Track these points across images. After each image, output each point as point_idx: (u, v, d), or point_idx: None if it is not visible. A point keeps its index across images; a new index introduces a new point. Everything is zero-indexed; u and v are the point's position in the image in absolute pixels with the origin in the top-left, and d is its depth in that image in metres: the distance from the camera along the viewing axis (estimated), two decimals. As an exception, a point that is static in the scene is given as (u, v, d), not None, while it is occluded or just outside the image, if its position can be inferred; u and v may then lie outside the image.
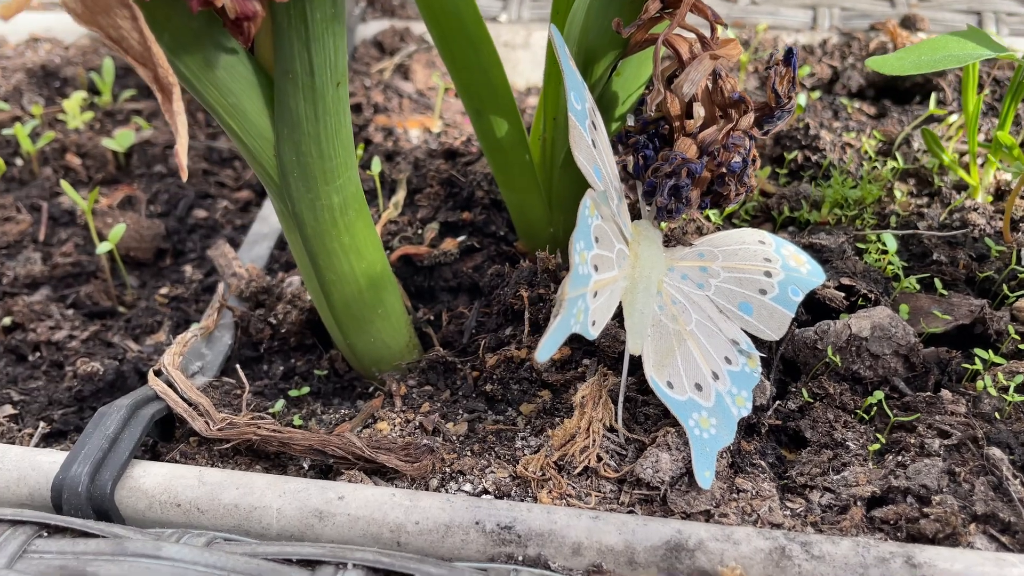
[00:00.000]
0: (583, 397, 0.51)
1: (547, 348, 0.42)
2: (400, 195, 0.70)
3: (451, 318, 0.62)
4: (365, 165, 0.73)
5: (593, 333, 0.46)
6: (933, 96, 0.77)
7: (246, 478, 0.48)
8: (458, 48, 0.56)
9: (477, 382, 0.56)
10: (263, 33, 0.45)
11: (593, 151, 0.49)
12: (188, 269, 0.73)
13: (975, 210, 0.66)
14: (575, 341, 0.56)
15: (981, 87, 0.82)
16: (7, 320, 0.67)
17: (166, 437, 0.55)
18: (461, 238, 0.66)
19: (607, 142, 0.52)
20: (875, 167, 0.73)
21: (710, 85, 0.52)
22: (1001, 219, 0.66)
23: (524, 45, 0.95)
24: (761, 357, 0.53)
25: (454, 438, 0.52)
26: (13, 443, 0.55)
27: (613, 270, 0.48)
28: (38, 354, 0.65)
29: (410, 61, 0.92)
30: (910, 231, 0.65)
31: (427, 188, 0.70)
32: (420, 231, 0.67)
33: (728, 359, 0.51)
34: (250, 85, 0.45)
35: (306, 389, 0.58)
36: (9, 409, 0.59)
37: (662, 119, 0.53)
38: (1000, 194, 0.70)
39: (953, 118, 0.78)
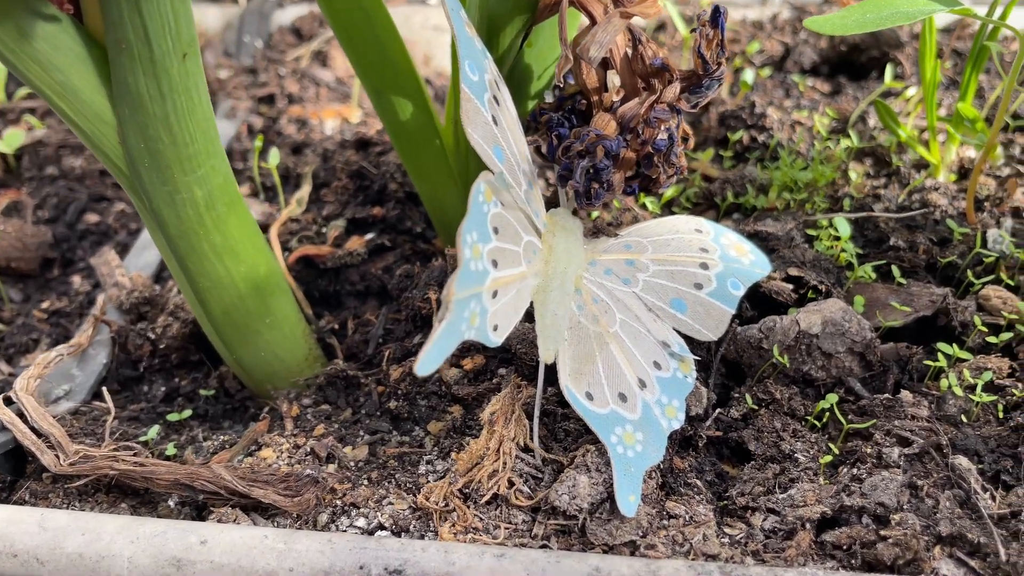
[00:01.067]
0: (492, 414, 0.44)
1: (430, 359, 0.35)
2: (304, 190, 0.63)
3: (357, 326, 0.55)
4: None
5: (495, 339, 0.39)
6: (889, 68, 0.71)
7: (95, 522, 0.41)
8: (349, 20, 0.49)
9: (382, 398, 0.50)
10: (89, -4, 0.38)
11: (493, 129, 0.42)
12: (76, 280, 0.66)
13: (936, 190, 0.60)
14: (492, 348, 0.49)
15: (940, 57, 0.76)
16: None
17: (23, 473, 0.47)
18: (369, 236, 0.59)
19: (516, 120, 0.45)
20: (828, 147, 0.67)
21: (629, 52, 0.45)
22: (964, 199, 0.60)
23: (455, 29, 0.88)
24: (698, 360, 0.47)
25: (351, 464, 0.46)
26: None
27: (520, 266, 0.41)
28: None
29: (328, 47, 0.85)
30: (864, 214, 0.59)
31: (335, 182, 0.64)
32: (324, 229, 0.60)
33: (657, 364, 0.45)
34: (79, 59, 0.39)
35: (188, 412, 0.51)
36: None
37: (579, 94, 0.47)
38: (964, 172, 0.64)
39: (911, 91, 0.72)
